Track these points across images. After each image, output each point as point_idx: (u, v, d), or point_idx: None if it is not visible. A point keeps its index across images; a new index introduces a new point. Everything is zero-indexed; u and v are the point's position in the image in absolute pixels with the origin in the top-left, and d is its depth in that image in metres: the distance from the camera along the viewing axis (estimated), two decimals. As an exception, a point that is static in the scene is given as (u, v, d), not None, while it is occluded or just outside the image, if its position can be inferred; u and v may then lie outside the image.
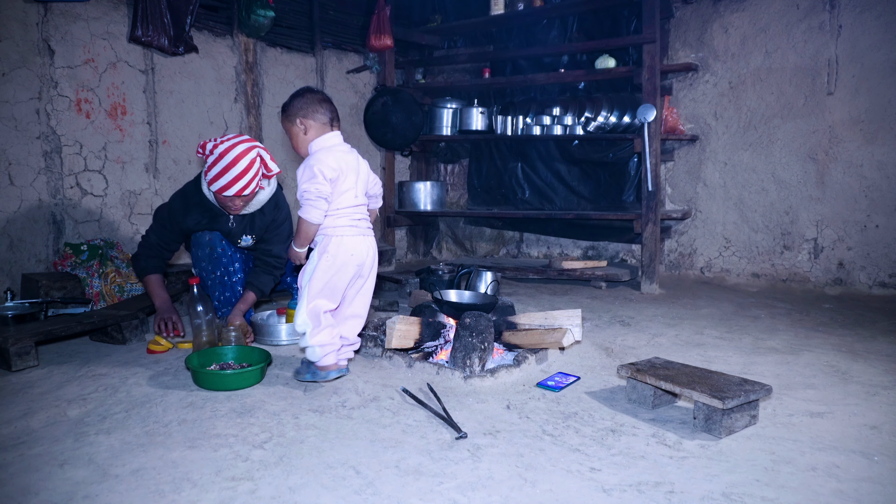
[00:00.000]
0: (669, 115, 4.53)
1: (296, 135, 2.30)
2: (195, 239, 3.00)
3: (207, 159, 2.65)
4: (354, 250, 2.27)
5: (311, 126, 2.27)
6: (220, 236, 3.00)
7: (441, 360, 2.54)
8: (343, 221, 2.26)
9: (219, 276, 3.02)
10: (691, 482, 1.59)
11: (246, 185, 2.65)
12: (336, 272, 2.25)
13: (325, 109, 2.30)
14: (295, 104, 2.29)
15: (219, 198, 2.73)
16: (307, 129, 2.28)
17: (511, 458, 1.73)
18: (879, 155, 4.02)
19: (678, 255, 4.85)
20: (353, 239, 2.27)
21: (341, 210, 2.26)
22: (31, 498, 1.50)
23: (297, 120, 2.28)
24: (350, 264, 2.26)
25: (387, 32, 4.91)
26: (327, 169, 2.19)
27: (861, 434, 1.90)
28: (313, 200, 2.18)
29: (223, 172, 2.60)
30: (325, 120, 2.29)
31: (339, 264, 2.24)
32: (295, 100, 2.30)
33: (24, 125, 3.52)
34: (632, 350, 2.84)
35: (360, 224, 2.32)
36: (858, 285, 4.14)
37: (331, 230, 2.25)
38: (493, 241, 5.69)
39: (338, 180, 2.23)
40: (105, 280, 3.37)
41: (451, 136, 5.25)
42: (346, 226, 2.26)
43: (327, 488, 1.55)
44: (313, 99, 2.29)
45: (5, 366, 2.43)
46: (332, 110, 2.32)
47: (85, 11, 3.72)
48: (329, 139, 2.29)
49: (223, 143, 2.64)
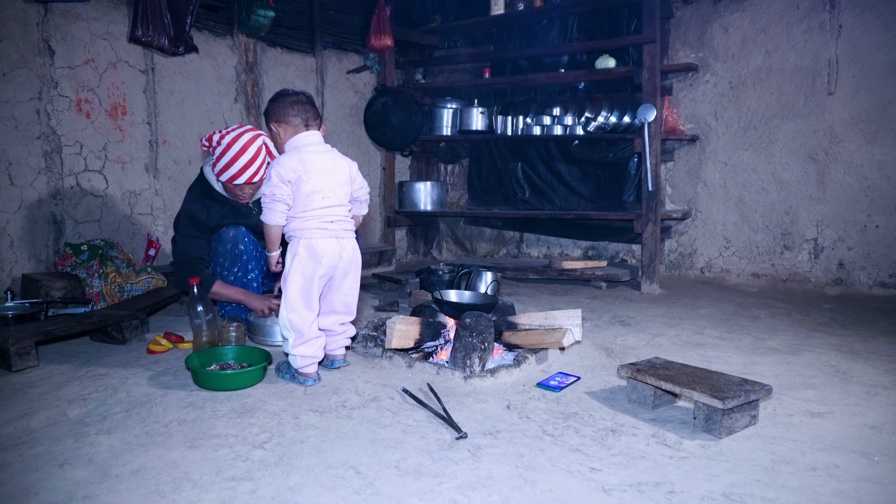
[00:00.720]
0: (669, 115, 4.53)
1: (274, 138, 2.37)
2: (218, 235, 2.96)
3: (214, 151, 2.71)
4: (324, 252, 2.24)
5: (284, 129, 2.31)
6: (245, 232, 2.97)
7: (441, 360, 2.54)
8: (311, 224, 2.24)
9: (235, 273, 3.00)
10: (691, 482, 1.59)
11: (255, 172, 2.73)
12: (308, 275, 2.24)
13: (298, 111, 2.29)
14: (269, 109, 2.34)
15: (228, 187, 2.80)
16: (282, 132, 2.31)
17: (511, 458, 1.73)
18: (880, 155, 4.02)
19: (678, 255, 4.85)
20: (323, 241, 2.25)
21: (309, 212, 2.24)
22: (31, 498, 1.50)
23: (272, 125, 2.33)
24: (321, 266, 2.25)
25: (387, 32, 4.91)
26: (285, 170, 2.21)
27: (861, 434, 1.90)
28: (269, 203, 2.23)
29: (232, 162, 2.68)
30: (298, 122, 2.29)
31: (309, 267, 2.23)
32: (270, 104, 2.34)
33: (24, 125, 3.52)
34: (632, 350, 2.84)
35: (333, 226, 2.28)
36: (859, 285, 4.14)
37: (299, 232, 2.25)
38: (493, 241, 5.69)
39: (299, 181, 2.22)
40: (105, 280, 3.37)
41: (451, 136, 5.25)
42: (314, 228, 2.24)
43: (327, 488, 1.55)
44: (285, 102, 2.29)
45: (5, 366, 2.43)
46: (308, 110, 2.31)
47: (85, 11, 3.72)
48: (301, 139, 2.29)
49: (229, 133, 2.71)
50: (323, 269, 2.26)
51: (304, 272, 2.23)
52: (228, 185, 2.77)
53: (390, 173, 5.52)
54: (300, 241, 2.25)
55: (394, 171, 5.55)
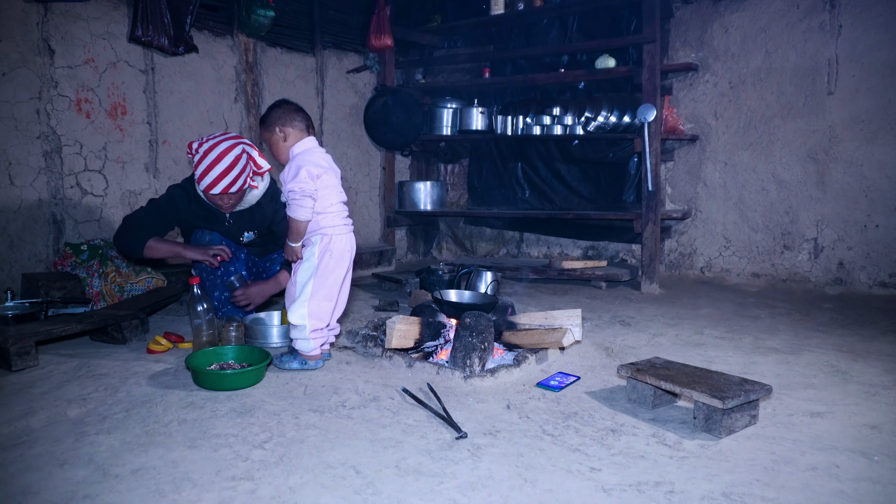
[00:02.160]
0: (669, 115, 4.53)
1: (276, 143, 2.43)
2: (195, 238, 3.02)
3: (194, 158, 2.70)
4: (350, 246, 2.45)
5: (290, 133, 2.41)
6: (220, 237, 3.02)
7: (441, 360, 2.54)
8: (337, 220, 2.41)
9: (218, 276, 3.04)
10: (691, 482, 1.59)
11: (232, 182, 2.68)
12: (335, 269, 2.40)
13: (302, 118, 2.45)
14: (273, 114, 2.43)
15: (207, 196, 2.76)
16: (287, 136, 2.41)
17: (511, 457, 1.73)
18: (880, 155, 4.02)
19: (678, 254, 4.85)
20: (347, 236, 2.44)
21: (333, 207, 2.39)
22: (32, 498, 1.50)
23: (277, 128, 2.41)
24: (346, 260, 2.42)
25: (387, 32, 4.91)
26: (312, 167, 2.33)
27: (861, 434, 1.90)
28: (299, 199, 2.30)
29: (208, 170, 2.66)
30: (303, 126, 2.44)
31: (338, 261, 2.40)
32: (273, 110, 2.44)
33: (24, 125, 3.52)
34: (632, 350, 2.84)
35: (348, 221, 2.47)
36: (859, 285, 4.14)
37: (329, 229, 2.38)
38: (493, 241, 5.69)
39: (322, 177, 2.36)
40: (105, 280, 3.37)
41: (451, 135, 5.25)
42: (340, 224, 2.42)
43: (327, 488, 1.55)
44: (290, 108, 2.45)
45: (5, 366, 2.42)
46: (308, 118, 2.48)
47: (85, 11, 3.71)
48: (309, 142, 2.45)
49: (207, 141, 2.70)
50: (346, 263, 2.43)
51: (334, 268, 2.39)
52: (206, 193, 2.73)
53: (390, 173, 5.51)
54: (332, 237, 2.37)
55: (394, 171, 5.55)
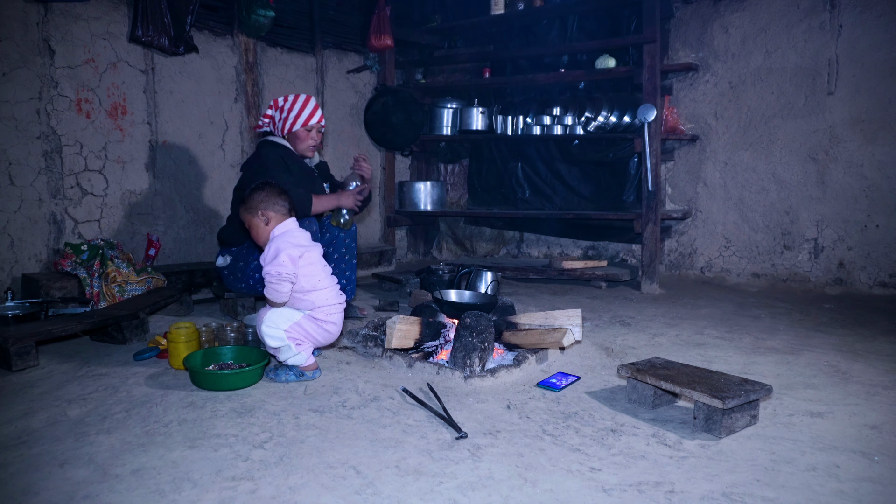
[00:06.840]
0: (669, 115, 4.53)
1: (257, 226, 2.40)
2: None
3: (283, 108, 3.08)
4: (338, 327, 2.46)
5: (272, 217, 2.39)
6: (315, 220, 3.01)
7: (441, 360, 2.54)
8: (331, 298, 2.41)
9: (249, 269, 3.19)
10: (691, 482, 1.59)
11: (322, 116, 3.17)
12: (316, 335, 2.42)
13: (284, 200, 2.42)
14: (256, 197, 2.40)
15: (300, 134, 3.11)
16: (269, 220, 2.39)
17: (511, 457, 1.73)
18: (880, 155, 4.02)
19: (678, 254, 4.85)
20: (338, 315, 2.43)
21: (322, 283, 2.39)
22: (32, 498, 1.50)
23: (259, 212, 2.38)
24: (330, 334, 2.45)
25: (387, 32, 4.91)
26: (293, 248, 2.31)
27: (861, 434, 1.90)
28: (275, 284, 2.30)
29: (303, 109, 3.08)
30: (285, 211, 2.42)
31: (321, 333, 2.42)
32: (255, 193, 2.40)
33: (24, 125, 3.52)
34: (632, 350, 2.84)
35: (341, 297, 2.47)
36: (859, 285, 4.14)
37: (325, 308, 2.39)
38: (494, 241, 5.69)
39: (304, 255, 2.34)
40: (105, 280, 3.37)
41: (451, 136, 5.25)
42: (335, 303, 2.41)
43: (327, 488, 1.55)
44: (272, 192, 2.40)
45: (6, 366, 2.43)
46: (290, 200, 2.45)
47: (85, 11, 3.71)
48: (290, 223, 2.43)
49: (288, 96, 3.13)
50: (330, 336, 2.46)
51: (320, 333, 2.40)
52: (301, 131, 3.10)
53: (390, 173, 5.51)
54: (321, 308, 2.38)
55: (394, 171, 5.54)
